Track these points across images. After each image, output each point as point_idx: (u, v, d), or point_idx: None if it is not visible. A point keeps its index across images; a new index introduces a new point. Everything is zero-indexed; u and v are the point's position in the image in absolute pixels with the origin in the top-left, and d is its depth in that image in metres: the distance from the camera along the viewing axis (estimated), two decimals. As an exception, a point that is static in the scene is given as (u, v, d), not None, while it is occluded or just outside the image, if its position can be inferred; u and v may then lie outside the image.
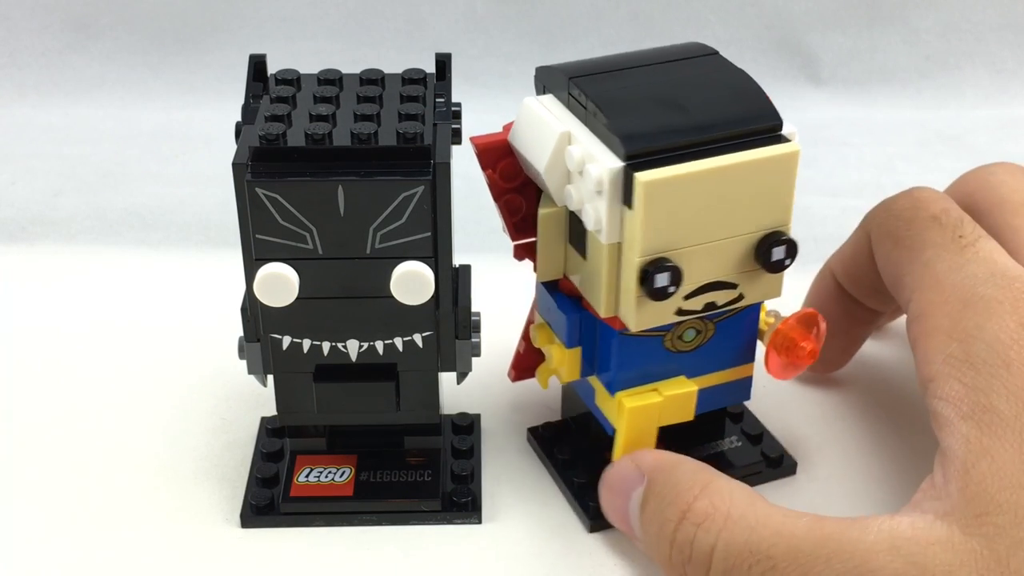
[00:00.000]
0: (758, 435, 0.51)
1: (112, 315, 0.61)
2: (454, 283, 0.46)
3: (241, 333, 0.45)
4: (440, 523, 0.48)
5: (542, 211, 0.45)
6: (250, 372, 0.46)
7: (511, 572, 0.46)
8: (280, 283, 0.42)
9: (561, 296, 0.46)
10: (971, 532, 0.37)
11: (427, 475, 0.49)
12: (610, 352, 0.45)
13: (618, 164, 0.40)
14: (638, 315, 0.42)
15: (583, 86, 0.42)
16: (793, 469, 0.50)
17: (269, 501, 0.48)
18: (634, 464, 0.44)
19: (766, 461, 0.50)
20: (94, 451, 0.52)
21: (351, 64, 0.47)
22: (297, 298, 0.43)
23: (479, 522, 0.48)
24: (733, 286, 0.43)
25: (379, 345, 0.45)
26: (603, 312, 0.43)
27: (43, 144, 0.79)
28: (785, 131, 0.42)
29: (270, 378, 0.46)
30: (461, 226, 0.47)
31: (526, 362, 0.52)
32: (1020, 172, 0.49)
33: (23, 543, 0.47)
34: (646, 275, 0.41)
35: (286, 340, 0.45)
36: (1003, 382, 0.39)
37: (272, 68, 0.46)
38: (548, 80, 0.45)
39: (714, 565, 0.40)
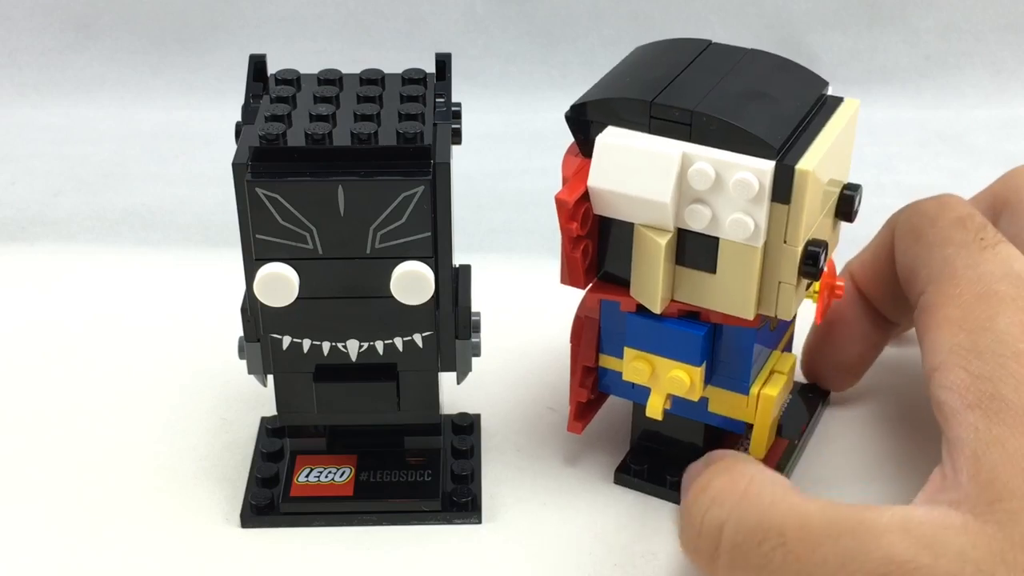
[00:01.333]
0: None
1: (112, 315, 0.61)
2: (454, 283, 0.46)
3: (241, 333, 0.45)
4: (440, 523, 0.48)
5: (662, 241, 0.42)
6: (250, 372, 0.46)
7: (511, 572, 0.46)
8: (280, 283, 0.42)
9: (674, 320, 0.45)
10: (985, 519, 0.37)
11: (427, 475, 0.49)
12: (745, 353, 0.45)
13: (770, 164, 0.40)
14: (793, 301, 0.43)
15: (674, 103, 0.41)
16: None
17: (269, 501, 0.48)
18: (705, 458, 0.44)
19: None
20: (94, 451, 0.52)
21: (351, 64, 0.47)
22: (297, 298, 0.43)
23: (479, 522, 0.48)
24: (826, 244, 0.44)
25: (379, 345, 0.45)
26: (752, 315, 0.43)
27: (43, 144, 0.79)
28: (829, 91, 0.45)
29: (270, 378, 0.46)
30: (461, 226, 0.47)
31: (586, 407, 0.50)
32: None
33: (23, 543, 0.47)
34: (809, 258, 0.42)
35: (286, 340, 0.45)
36: (1011, 372, 0.39)
37: (272, 68, 0.46)
38: (603, 115, 0.43)
39: (723, 540, 0.39)
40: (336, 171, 0.41)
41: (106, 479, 0.50)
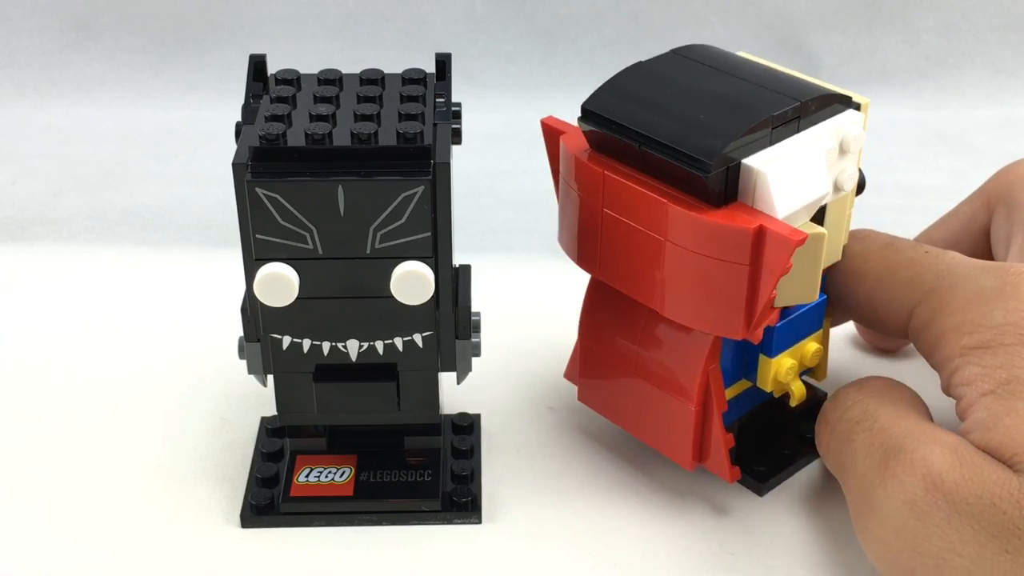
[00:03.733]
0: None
1: (112, 315, 0.61)
2: (454, 283, 0.46)
3: (241, 333, 0.45)
4: (440, 523, 0.48)
5: (823, 231, 0.43)
6: (250, 372, 0.46)
7: (511, 572, 0.46)
8: (280, 283, 0.42)
9: (796, 306, 0.46)
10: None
11: (427, 475, 0.49)
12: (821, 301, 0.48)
13: (857, 111, 0.44)
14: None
15: (777, 107, 0.42)
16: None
17: (269, 501, 0.48)
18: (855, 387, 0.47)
19: None
20: (94, 451, 0.52)
21: (351, 64, 0.47)
22: (297, 298, 0.43)
23: (479, 522, 0.48)
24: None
25: (379, 345, 0.45)
26: (840, 255, 0.47)
27: (43, 144, 0.79)
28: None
29: (270, 378, 0.46)
30: (461, 226, 0.47)
31: (725, 438, 0.47)
32: None
33: (23, 543, 0.47)
34: (863, 178, 0.46)
35: (286, 340, 0.45)
36: (1022, 356, 0.40)
37: (272, 68, 0.46)
38: (744, 149, 0.41)
39: (840, 420, 0.45)
40: (336, 171, 0.41)
41: (106, 479, 0.50)
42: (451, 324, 0.45)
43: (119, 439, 0.52)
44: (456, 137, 0.44)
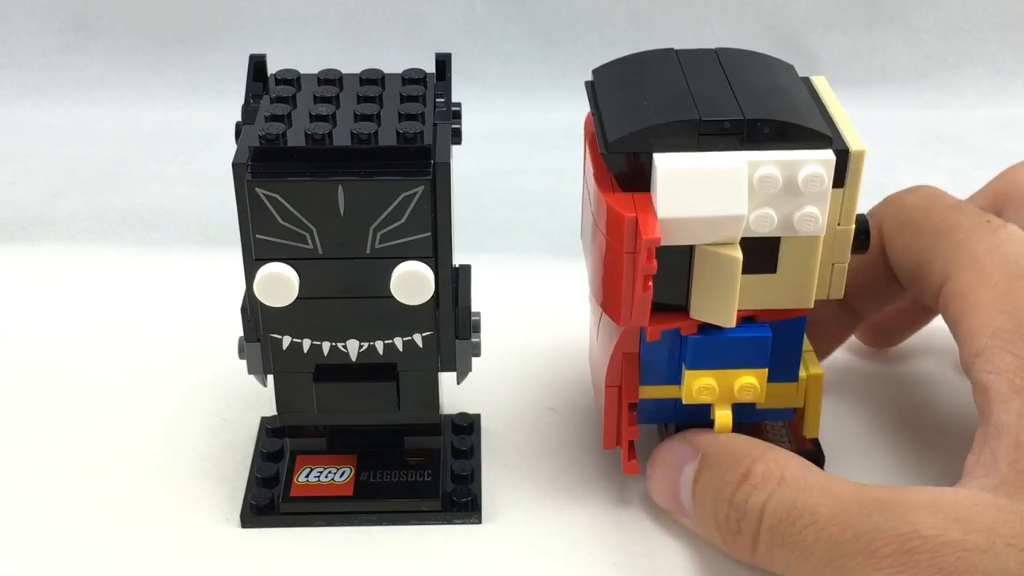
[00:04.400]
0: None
1: (112, 315, 0.61)
2: (454, 283, 0.46)
3: (241, 333, 0.45)
4: (440, 523, 0.48)
5: (736, 254, 0.42)
6: (250, 372, 0.46)
7: (511, 572, 0.46)
8: (280, 283, 0.42)
9: (735, 330, 0.45)
10: (1019, 498, 0.37)
11: (427, 475, 0.49)
12: (797, 343, 0.46)
13: (830, 153, 0.41)
14: (844, 280, 0.44)
15: (718, 115, 0.41)
16: (821, 462, 0.51)
17: (269, 501, 0.48)
18: (687, 442, 0.45)
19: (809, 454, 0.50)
20: (94, 451, 0.52)
21: (351, 64, 0.47)
22: (297, 298, 0.43)
23: (479, 522, 0.48)
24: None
25: (379, 345, 0.45)
26: (812, 303, 0.44)
27: (43, 144, 0.79)
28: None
29: (270, 378, 0.46)
30: (461, 226, 0.47)
31: (634, 443, 0.48)
32: None
33: (23, 543, 0.47)
34: (862, 232, 0.43)
35: (286, 340, 0.45)
36: None
37: (272, 68, 0.46)
38: (649, 144, 0.41)
39: (764, 521, 0.41)
40: (336, 171, 0.41)
41: (106, 479, 0.50)
42: (451, 324, 0.45)
43: (119, 439, 0.52)
44: (456, 137, 0.44)
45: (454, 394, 0.52)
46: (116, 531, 0.47)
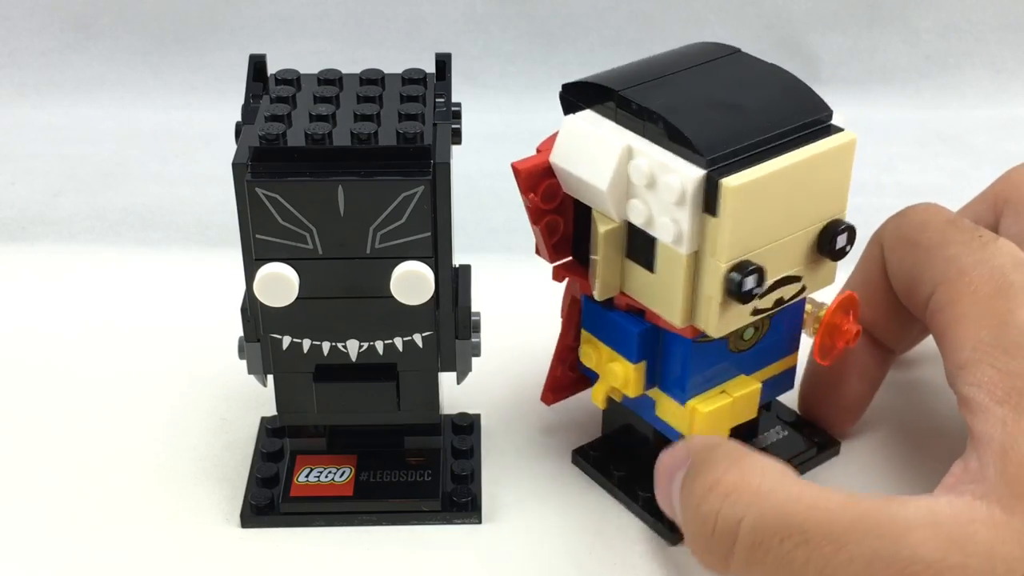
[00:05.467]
0: (795, 422, 0.51)
1: (112, 315, 0.61)
2: (454, 283, 0.46)
3: (241, 333, 0.45)
4: (440, 523, 0.48)
5: (602, 229, 0.43)
6: (250, 372, 0.46)
7: (511, 572, 0.46)
8: (280, 283, 0.42)
9: (619, 312, 0.46)
10: (1012, 512, 0.37)
11: (427, 475, 0.49)
12: (681, 362, 0.45)
13: (700, 172, 0.40)
14: (720, 321, 0.42)
15: (637, 97, 0.42)
16: (837, 450, 0.51)
17: (269, 501, 0.48)
18: (684, 446, 0.43)
19: (816, 447, 0.50)
20: (94, 451, 0.52)
21: (351, 64, 0.47)
22: (297, 298, 0.43)
23: (479, 522, 0.48)
24: (798, 279, 0.44)
25: (379, 345, 0.45)
26: (679, 323, 0.43)
27: (43, 144, 0.79)
28: (836, 120, 0.43)
29: (270, 378, 0.46)
30: (461, 226, 0.47)
31: (562, 382, 0.51)
32: None
33: (23, 543, 0.47)
34: (733, 280, 0.41)
35: (286, 340, 0.45)
36: None
37: (272, 68, 0.46)
38: (583, 96, 0.44)
39: (740, 539, 0.38)
40: (336, 171, 0.41)
41: (106, 479, 0.50)
42: (451, 324, 0.45)
43: (119, 439, 0.52)
44: (456, 137, 0.44)
45: (454, 394, 0.52)
46: (116, 531, 0.47)
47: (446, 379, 0.48)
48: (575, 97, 0.44)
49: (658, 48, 0.47)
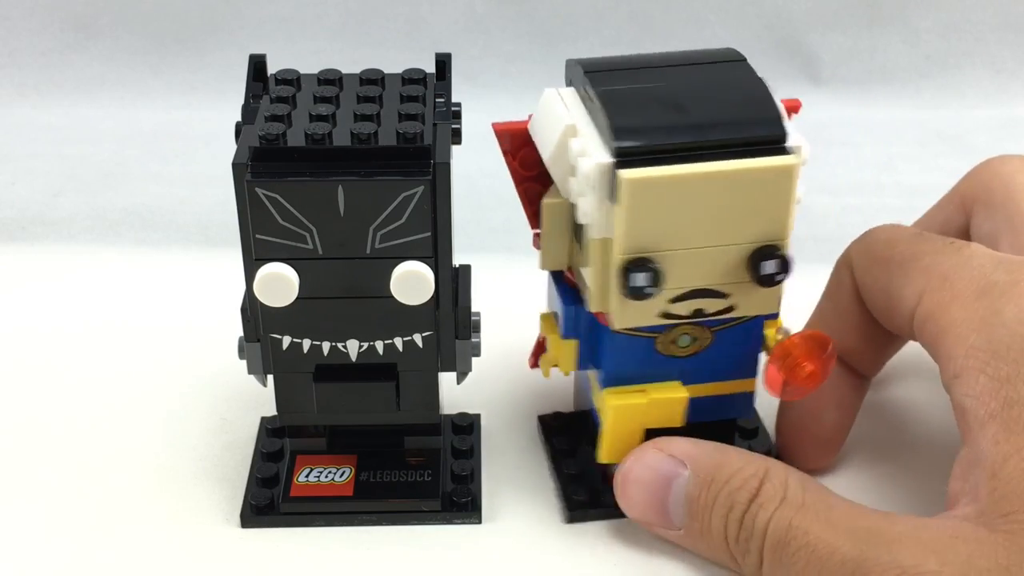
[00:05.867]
0: (766, 452, 0.50)
1: (112, 315, 0.61)
2: (454, 283, 0.46)
3: (241, 333, 0.45)
4: (440, 523, 0.48)
5: (546, 201, 0.45)
6: (250, 372, 0.46)
7: (511, 572, 0.46)
8: (280, 283, 0.42)
9: (564, 287, 0.46)
10: (997, 529, 0.37)
11: (427, 475, 0.49)
12: (600, 348, 0.45)
13: (607, 159, 0.40)
14: (620, 313, 0.43)
15: (593, 81, 0.43)
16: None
17: (269, 501, 0.48)
18: (666, 455, 0.44)
19: None
20: (94, 451, 0.52)
21: (351, 64, 0.47)
22: (297, 298, 0.43)
23: (479, 522, 0.48)
24: (723, 295, 0.43)
25: (379, 345, 0.45)
26: (592, 307, 0.43)
27: (43, 144, 0.79)
28: (791, 143, 0.41)
29: (270, 378, 0.46)
30: (461, 226, 0.47)
31: (543, 349, 0.51)
32: None
33: (23, 543, 0.47)
34: (625, 273, 0.41)
35: (286, 340, 0.45)
36: None
37: (272, 68, 0.46)
38: (572, 73, 0.45)
39: (766, 540, 0.41)
40: (336, 171, 0.41)
41: (106, 479, 0.50)
42: (451, 324, 0.45)
43: (119, 439, 0.52)
44: (456, 137, 0.44)
45: (454, 394, 0.52)
46: (116, 531, 0.47)
47: (446, 379, 0.48)
48: (570, 74, 0.46)
49: (658, 48, 0.47)
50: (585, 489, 0.48)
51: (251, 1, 0.85)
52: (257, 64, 0.46)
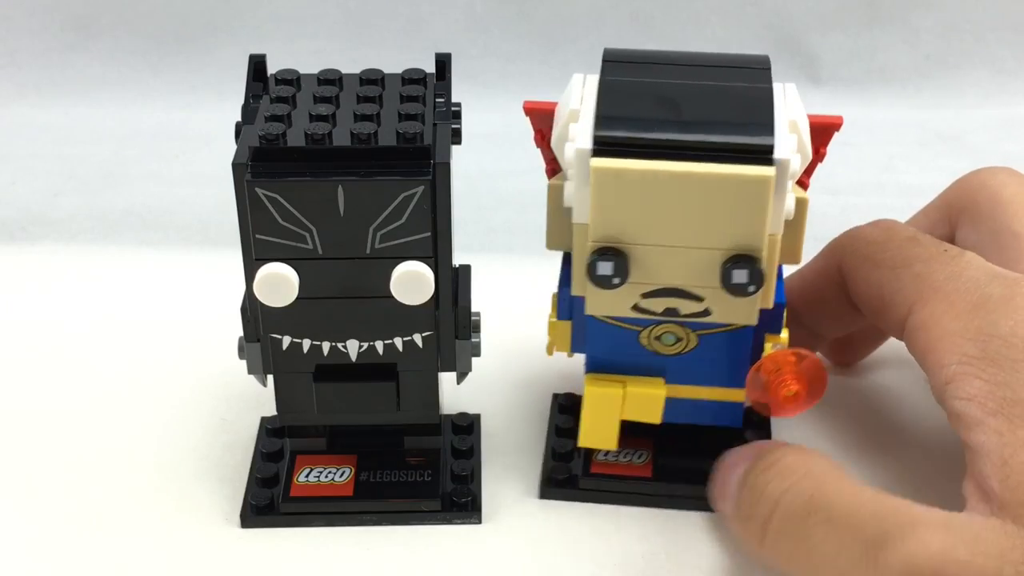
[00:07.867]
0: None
1: (112, 315, 0.61)
2: (454, 283, 0.46)
3: (241, 333, 0.45)
4: (440, 523, 0.48)
5: (550, 181, 0.45)
6: (250, 372, 0.46)
7: (511, 572, 0.46)
8: (280, 283, 0.42)
9: (568, 269, 0.46)
10: (1017, 520, 0.37)
11: (427, 475, 0.49)
12: (587, 332, 0.46)
13: (586, 146, 0.40)
14: (590, 299, 0.43)
15: (605, 69, 0.43)
16: None
17: (269, 501, 0.48)
18: (752, 446, 0.45)
19: None
20: (94, 451, 0.52)
21: (351, 64, 0.47)
22: (297, 298, 0.43)
23: (479, 522, 0.48)
24: (697, 298, 0.43)
25: (379, 345, 0.45)
26: (574, 290, 0.44)
27: (43, 144, 0.79)
28: (779, 155, 0.40)
29: (270, 378, 0.46)
30: (461, 226, 0.47)
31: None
32: (1020, 177, 0.49)
33: (23, 543, 0.47)
34: (591, 260, 0.41)
35: (286, 340, 0.45)
36: None
37: (272, 68, 0.46)
38: (602, 61, 0.45)
39: (778, 509, 0.41)
40: (336, 171, 0.41)
41: (106, 479, 0.50)
42: (451, 324, 0.45)
43: (119, 439, 0.52)
44: (456, 137, 0.44)
45: (454, 394, 0.52)
46: (116, 531, 0.47)
47: (446, 379, 0.48)
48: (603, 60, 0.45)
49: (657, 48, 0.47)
50: (565, 468, 0.49)
51: (251, 1, 0.84)
52: (257, 64, 0.46)
